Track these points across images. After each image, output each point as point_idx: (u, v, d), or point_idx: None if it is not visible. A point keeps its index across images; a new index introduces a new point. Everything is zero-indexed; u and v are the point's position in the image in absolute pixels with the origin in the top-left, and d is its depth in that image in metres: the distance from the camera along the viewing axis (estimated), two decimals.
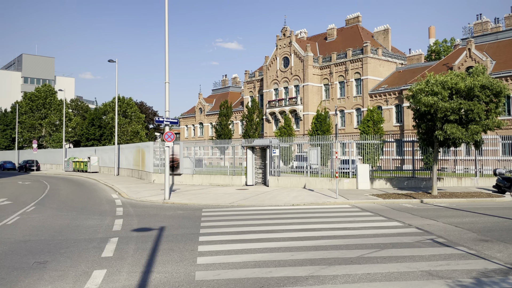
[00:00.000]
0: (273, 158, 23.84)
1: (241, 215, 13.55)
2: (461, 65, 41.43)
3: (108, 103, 62.89)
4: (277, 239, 9.67)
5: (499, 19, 44.66)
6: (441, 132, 16.94)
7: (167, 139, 18.13)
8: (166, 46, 18.59)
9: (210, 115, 73.46)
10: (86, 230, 11.08)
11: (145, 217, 13.30)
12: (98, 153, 44.77)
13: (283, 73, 58.15)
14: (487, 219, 12.38)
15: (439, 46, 64.25)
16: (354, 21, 60.46)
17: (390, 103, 48.45)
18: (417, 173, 23.46)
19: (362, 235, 10.18)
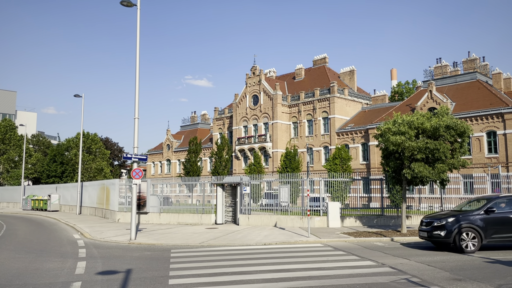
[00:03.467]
0: (244, 196, 23.54)
1: (212, 256, 13.09)
2: (423, 106, 43.26)
3: (72, 138, 61.26)
4: (251, 281, 9.32)
5: (457, 63, 47.42)
6: (409, 171, 17.31)
7: (135, 176, 17.58)
8: (136, 81, 18.39)
9: (178, 152, 72.67)
10: (46, 274, 10.32)
11: (110, 259, 12.60)
12: (60, 191, 42.95)
13: (253, 111, 58.80)
14: (458, 258, 12.48)
15: (401, 88, 67.20)
16: (321, 62, 62.58)
17: (357, 141, 49.61)
18: (386, 211, 23.71)
19: (336, 275, 9.98)
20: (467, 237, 13.10)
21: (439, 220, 13.66)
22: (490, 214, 13.28)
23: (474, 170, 37.06)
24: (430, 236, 13.87)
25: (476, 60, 46.26)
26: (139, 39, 18.44)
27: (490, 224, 13.17)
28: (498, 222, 13.22)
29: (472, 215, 13.39)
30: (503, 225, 13.20)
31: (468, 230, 13.12)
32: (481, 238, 13.10)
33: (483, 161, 38.95)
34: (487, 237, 13.14)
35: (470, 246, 13.05)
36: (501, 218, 13.27)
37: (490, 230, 13.14)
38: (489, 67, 48.28)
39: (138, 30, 18.44)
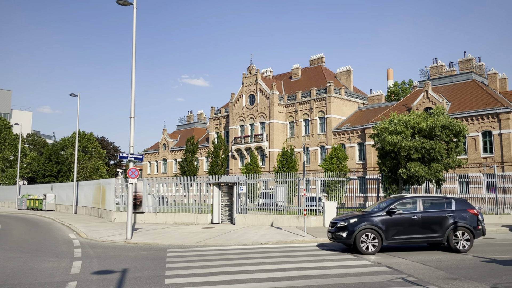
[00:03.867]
0: (240, 195, 23.52)
1: (208, 255, 13.06)
2: (419, 105, 43.39)
3: (67, 138, 60.96)
4: (247, 280, 9.31)
5: (453, 63, 47.59)
6: (405, 170, 17.37)
7: (131, 176, 17.53)
8: (132, 81, 18.34)
9: (174, 151, 72.54)
10: (41, 274, 10.27)
11: (106, 259, 12.55)
12: (55, 190, 42.75)
13: (249, 110, 58.77)
14: (453, 257, 12.52)
15: (398, 87, 67.38)
16: (317, 62, 62.62)
17: (353, 141, 49.69)
18: None
19: (333, 274, 9.98)
20: (367, 238, 12.74)
21: (343, 221, 13.23)
22: (392, 215, 12.95)
23: (469, 170, 37.22)
24: (334, 237, 13.41)
25: (472, 60, 46.43)
26: (135, 38, 18.39)
27: (392, 225, 12.86)
28: (400, 223, 12.92)
29: (374, 216, 13.05)
30: (404, 226, 12.91)
31: (369, 231, 12.77)
32: (382, 239, 12.77)
33: (478, 160, 39.11)
34: (388, 238, 12.82)
35: (370, 248, 12.67)
36: (402, 219, 12.96)
37: (391, 231, 12.83)
38: (484, 67, 48.48)
39: (134, 29, 18.38)
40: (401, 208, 13.28)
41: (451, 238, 12.81)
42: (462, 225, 12.87)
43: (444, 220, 12.90)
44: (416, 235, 12.94)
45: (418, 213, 13.06)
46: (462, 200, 13.60)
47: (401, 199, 13.62)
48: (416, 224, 12.93)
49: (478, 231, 13.06)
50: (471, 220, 13.03)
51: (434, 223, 12.95)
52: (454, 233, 12.86)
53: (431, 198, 13.73)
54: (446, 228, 12.84)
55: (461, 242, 12.83)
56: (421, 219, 12.98)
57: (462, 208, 13.20)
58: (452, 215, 13.01)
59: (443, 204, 13.37)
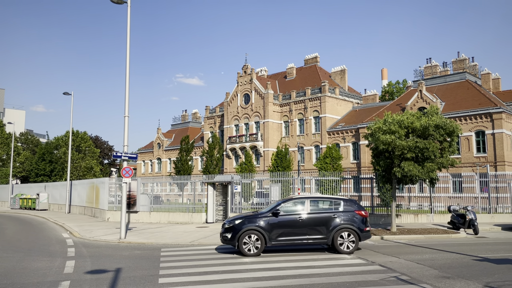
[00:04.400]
0: (235, 195, 23.52)
1: (203, 255, 13.04)
2: (413, 105, 43.59)
3: (61, 137, 60.60)
4: (242, 280, 9.31)
5: (447, 63, 47.84)
6: (399, 170, 17.42)
7: (125, 175, 17.47)
8: (126, 79, 18.26)
9: (168, 150, 72.34)
10: (34, 273, 10.20)
11: (100, 258, 12.50)
12: (48, 190, 42.50)
13: (244, 110, 58.75)
14: (446, 256, 12.60)
15: (392, 87, 67.64)
16: (312, 61, 62.69)
17: (348, 140, 49.83)
18: (376, 209, 23.84)
19: (327, 273, 10.01)
20: (249, 239, 12.44)
21: (229, 222, 12.96)
22: (277, 216, 12.70)
23: (463, 169, 37.45)
24: (222, 238, 13.04)
25: (466, 61, 46.70)
26: (129, 36, 18.31)
27: (276, 227, 12.60)
28: (285, 225, 12.66)
29: (260, 217, 12.79)
30: (289, 228, 12.66)
31: (252, 232, 12.47)
32: (265, 240, 12.49)
33: (471, 160, 39.36)
34: (272, 240, 12.54)
35: (252, 249, 12.40)
36: (287, 220, 12.72)
37: (275, 233, 12.57)
38: (478, 67, 48.77)
39: (128, 27, 18.31)
40: (288, 209, 13.05)
41: (336, 240, 12.59)
42: (347, 227, 12.68)
43: (329, 221, 12.72)
44: (301, 236, 12.70)
45: (304, 214, 12.87)
46: (352, 201, 13.43)
47: (290, 200, 13.46)
48: (302, 225, 12.69)
49: (364, 233, 12.84)
50: (358, 222, 12.81)
51: (320, 224, 12.73)
52: (339, 234, 12.66)
53: (320, 199, 13.55)
54: (331, 229, 12.63)
55: (346, 244, 12.64)
56: (307, 220, 12.76)
57: (350, 209, 13.01)
58: (338, 217, 12.81)
59: (331, 205, 13.24)
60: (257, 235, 12.49)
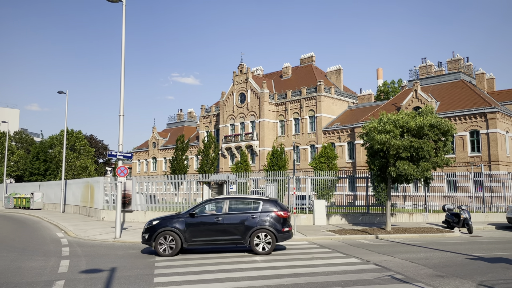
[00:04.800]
0: (230, 194, 23.49)
1: (198, 254, 13.03)
2: (408, 105, 43.76)
3: (55, 136, 60.29)
4: (237, 279, 9.31)
5: (442, 63, 48.07)
6: (394, 169, 17.49)
7: (120, 174, 17.41)
8: (122, 78, 18.20)
9: (164, 150, 72.20)
10: (28, 273, 10.15)
11: (94, 258, 12.45)
12: (43, 189, 42.27)
13: (240, 109, 58.72)
14: (441, 255, 12.66)
15: (387, 87, 67.85)
16: (308, 61, 62.77)
17: (343, 140, 49.95)
18: (371, 208, 23.92)
19: (322, 272, 10.02)
20: (164, 240, 12.46)
21: (149, 223, 12.99)
22: (194, 217, 12.70)
23: (457, 169, 37.65)
24: (142, 238, 13.03)
25: (460, 60, 46.93)
26: (124, 35, 18.24)
27: (192, 228, 12.57)
28: (201, 225, 12.64)
29: (177, 218, 12.79)
30: (206, 228, 12.64)
31: (167, 233, 12.47)
32: (181, 241, 12.44)
33: (466, 159, 39.58)
34: (188, 241, 12.50)
35: (167, 250, 12.39)
36: (204, 221, 12.71)
37: (191, 234, 12.54)
38: (472, 67, 49.04)
39: (123, 25, 18.23)
40: (206, 210, 13.08)
41: (253, 240, 12.50)
42: (264, 227, 12.57)
43: (247, 222, 12.64)
44: (218, 237, 12.65)
45: (222, 215, 12.81)
46: (271, 201, 13.22)
47: (210, 200, 13.54)
48: (219, 226, 12.65)
49: (282, 234, 12.69)
50: (275, 223, 12.68)
51: (237, 225, 12.66)
52: (256, 235, 12.56)
53: (239, 199, 13.49)
54: (248, 230, 12.55)
55: (262, 244, 12.55)
56: (224, 221, 12.70)
57: (269, 210, 12.87)
58: (256, 217, 12.70)
59: (250, 206, 13.14)
60: (172, 236, 12.48)
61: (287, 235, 12.99)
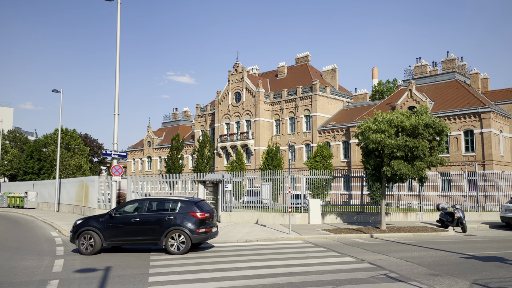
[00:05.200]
0: (225, 193, 23.48)
1: (193, 253, 13.01)
2: (403, 104, 43.92)
3: (50, 135, 59.89)
4: (232, 278, 9.31)
5: (436, 63, 48.25)
6: (388, 168, 17.55)
7: (115, 173, 17.38)
8: (116, 77, 18.13)
9: (159, 149, 72.00)
10: (22, 272, 10.09)
11: (89, 257, 12.40)
12: (37, 188, 42.03)
13: (235, 108, 58.68)
14: (435, 253, 12.73)
15: (382, 86, 68.08)
16: (303, 60, 62.81)
17: (338, 139, 50.05)
18: (366, 208, 23.99)
19: (317, 271, 10.05)
20: (84, 239, 12.83)
21: (75, 222, 13.44)
22: (113, 218, 13.02)
23: (451, 168, 37.85)
24: (69, 237, 13.51)
25: (455, 60, 47.15)
26: (119, 33, 18.17)
27: (111, 227, 12.89)
28: (120, 225, 12.93)
29: (98, 218, 13.22)
30: (124, 228, 12.91)
31: (88, 233, 12.85)
32: (101, 240, 12.79)
33: (460, 159, 39.78)
34: (107, 240, 12.81)
35: (88, 248, 12.72)
36: (123, 221, 12.98)
37: (110, 233, 12.84)
38: (467, 67, 49.27)
39: (118, 24, 18.16)
40: (126, 210, 13.36)
41: (167, 240, 12.66)
42: (178, 228, 12.65)
43: (163, 222, 12.78)
44: (135, 237, 12.88)
45: (139, 215, 13.03)
46: (189, 202, 13.26)
47: (132, 201, 13.81)
48: (136, 226, 12.88)
49: (197, 235, 12.71)
50: (190, 223, 12.72)
51: (153, 225, 12.84)
52: (171, 235, 12.68)
53: (159, 200, 13.67)
54: (163, 230, 12.69)
55: (176, 245, 12.63)
56: (141, 221, 12.91)
57: (185, 211, 12.95)
58: (172, 218, 12.81)
59: (168, 206, 13.31)
60: (91, 235, 12.82)
61: (204, 236, 12.99)
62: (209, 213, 13.24)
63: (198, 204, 13.26)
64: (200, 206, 13.29)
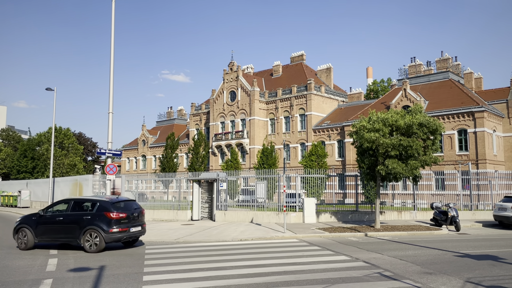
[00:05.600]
0: (220, 192, 23.47)
1: (188, 252, 13.00)
2: (397, 104, 44.07)
3: (43, 133, 59.52)
4: (227, 277, 9.30)
5: (431, 62, 48.46)
6: (383, 167, 17.61)
7: (109, 172, 17.30)
8: (111, 75, 18.04)
9: (153, 148, 71.78)
10: (15, 271, 10.03)
11: (83, 256, 12.35)
12: (30, 187, 41.79)
13: (230, 107, 58.61)
14: (429, 252, 12.79)
15: (377, 86, 68.29)
16: (298, 59, 62.84)
17: (333, 138, 50.15)
18: (360, 206, 24.07)
19: (312, 270, 10.07)
20: (21, 236, 13.76)
21: (16, 220, 14.31)
22: (42, 216, 13.86)
23: (445, 167, 38.05)
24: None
25: (449, 60, 47.37)
26: (113, 31, 18.08)
27: (41, 225, 13.71)
28: (47, 224, 13.71)
29: (32, 216, 14.12)
30: (51, 227, 13.66)
31: (23, 230, 13.81)
32: (33, 237, 13.68)
33: (454, 158, 40.00)
34: (38, 237, 13.67)
35: (23, 243, 13.66)
36: (50, 220, 13.75)
37: (40, 231, 13.68)
38: (461, 66, 49.51)
39: (112, 22, 18.07)
40: (55, 209, 14.10)
41: (84, 239, 13.11)
42: (94, 228, 13.06)
43: (80, 222, 13.27)
44: (59, 235, 13.63)
45: (63, 215, 13.72)
46: (106, 202, 13.65)
47: (60, 201, 14.52)
48: (59, 225, 13.60)
49: (109, 234, 13.06)
50: (104, 223, 13.08)
51: (73, 224, 13.38)
52: (87, 234, 13.12)
53: (82, 200, 14.16)
54: (81, 229, 13.20)
55: (91, 243, 13.05)
56: (64, 220, 13.58)
57: (101, 211, 13.34)
58: (89, 218, 13.25)
59: (87, 207, 13.78)
60: (25, 232, 13.77)
61: (118, 236, 13.25)
62: (125, 214, 13.53)
63: (115, 205, 13.65)
64: (117, 206, 13.67)
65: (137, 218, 14.03)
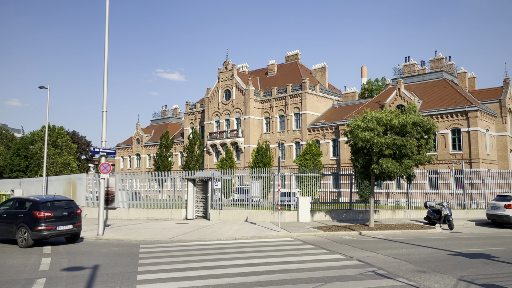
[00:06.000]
0: (215, 191, 23.43)
1: (182, 251, 12.97)
2: (391, 103, 44.24)
3: (37, 132, 59.07)
4: (221, 275, 9.30)
5: (425, 62, 48.69)
6: (377, 166, 17.67)
7: (103, 171, 17.19)
8: (105, 73, 17.94)
9: (148, 146, 71.56)
10: (8, 271, 9.96)
11: (77, 255, 12.29)
12: (23, 186, 41.46)
13: (225, 106, 58.55)
14: (422, 250, 12.86)
15: (371, 85, 68.51)
16: (293, 58, 62.89)
17: (327, 137, 50.26)
18: (355, 205, 24.14)
19: (306, 268, 10.09)
20: None
21: None
22: None
23: (439, 166, 38.25)
24: None
25: (443, 60, 47.61)
26: (107, 28, 17.98)
27: None
28: None
29: None
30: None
31: None
32: None
33: (447, 157, 40.24)
34: None
35: None
36: None
37: None
38: (454, 66, 49.79)
39: (106, 19, 17.97)
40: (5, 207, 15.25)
41: (17, 235, 14.14)
42: (24, 225, 14.03)
43: (16, 219, 14.33)
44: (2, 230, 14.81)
45: (6, 212, 14.91)
46: (34, 202, 14.51)
47: (8, 200, 15.57)
48: (3, 222, 14.79)
49: (35, 232, 13.84)
50: (31, 221, 13.97)
51: (11, 222, 14.48)
52: (19, 231, 14.13)
53: (21, 200, 15.12)
54: (16, 226, 14.24)
55: (22, 238, 14.02)
56: (5, 217, 14.78)
57: (31, 210, 14.22)
58: (22, 216, 14.28)
59: (22, 205, 14.77)
60: None
61: (43, 234, 14.00)
62: (51, 213, 14.28)
63: (44, 204, 14.46)
64: (46, 206, 14.44)
65: (67, 217, 14.69)
